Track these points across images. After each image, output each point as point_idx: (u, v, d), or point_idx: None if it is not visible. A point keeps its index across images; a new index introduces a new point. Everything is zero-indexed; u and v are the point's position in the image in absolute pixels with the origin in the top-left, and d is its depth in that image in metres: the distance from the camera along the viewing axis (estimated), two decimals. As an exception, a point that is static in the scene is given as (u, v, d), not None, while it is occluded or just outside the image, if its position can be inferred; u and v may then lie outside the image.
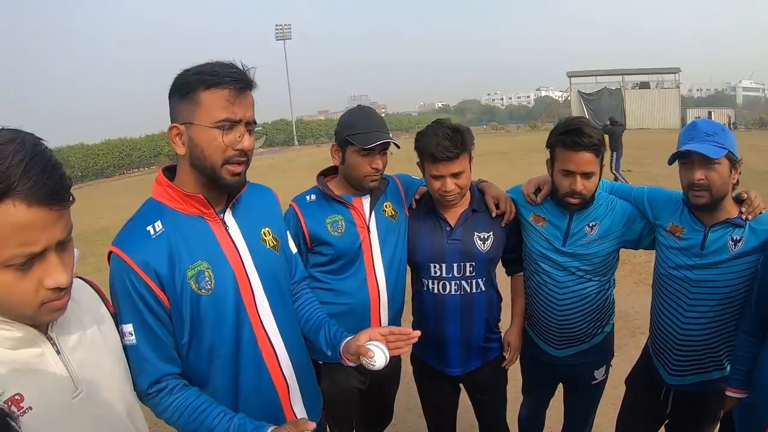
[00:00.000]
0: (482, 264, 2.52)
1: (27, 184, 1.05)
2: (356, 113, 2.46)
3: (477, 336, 2.58)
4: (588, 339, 2.62)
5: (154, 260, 1.57)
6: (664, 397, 2.53)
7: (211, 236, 1.68)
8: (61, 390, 1.24)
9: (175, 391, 1.61)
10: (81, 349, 1.33)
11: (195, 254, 1.63)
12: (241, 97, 1.58)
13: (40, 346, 1.22)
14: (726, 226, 2.21)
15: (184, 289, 1.60)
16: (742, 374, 2.16)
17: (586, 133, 2.28)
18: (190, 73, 1.57)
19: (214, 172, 1.61)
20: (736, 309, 2.23)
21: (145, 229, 1.60)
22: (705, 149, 2.09)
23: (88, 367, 1.32)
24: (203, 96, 1.55)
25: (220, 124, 1.56)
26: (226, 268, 1.68)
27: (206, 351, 1.67)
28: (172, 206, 1.66)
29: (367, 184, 2.41)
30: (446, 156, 2.30)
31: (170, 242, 1.60)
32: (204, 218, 1.68)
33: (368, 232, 2.47)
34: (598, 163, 2.35)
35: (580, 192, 2.34)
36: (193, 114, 1.57)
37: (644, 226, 2.48)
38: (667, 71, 53.16)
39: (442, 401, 2.84)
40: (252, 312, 1.73)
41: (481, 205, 2.56)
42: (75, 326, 1.34)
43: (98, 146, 34.10)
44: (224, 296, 1.66)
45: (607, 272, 2.56)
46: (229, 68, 1.57)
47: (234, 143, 1.59)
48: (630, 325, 5.46)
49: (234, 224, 1.75)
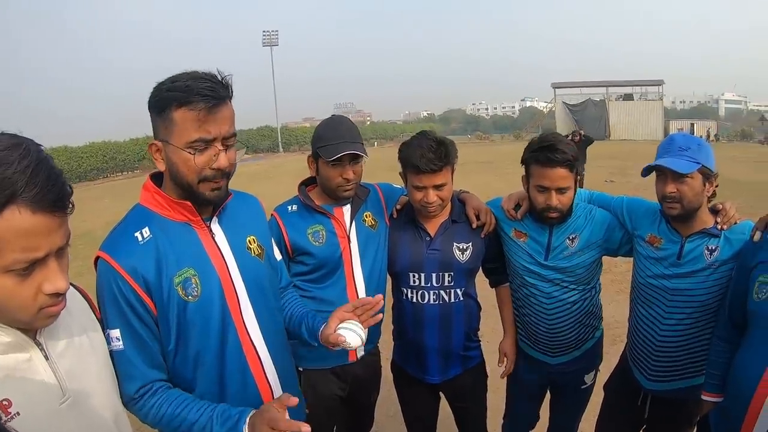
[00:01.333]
0: (461, 274, 2.54)
1: (33, 191, 1.05)
2: (326, 124, 2.48)
3: (456, 344, 2.60)
4: (581, 345, 2.67)
5: (141, 266, 1.56)
6: (642, 402, 2.57)
7: (197, 243, 1.69)
8: (48, 396, 1.23)
9: (158, 392, 1.61)
10: (69, 355, 1.32)
11: (182, 261, 1.63)
12: (214, 114, 1.53)
13: (28, 351, 1.22)
14: (702, 236, 2.26)
15: (171, 296, 1.60)
16: (717, 378, 2.20)
17: (559, 150, 2.33)
18: (163, 88, 1.54)
19: (192, 189, 1.61)
20: (712, 316, 2.29)
21: (133, 235, 1.60)
22: (676, 165, 2.16)
23: (76, 373, 1.32)
24: (176, 114, 1.52)
25: (192, 146, 1.53)
26: (212, 275, 1.69)
27: (192, 357, 1.67)
28: (160, 213, 1.66)
29: (341, 194, 2.42)
30: (430, 168, 2.32)
31: (158, 248, 1.60)
32: (191, 225, 1.68)
33: (348, 241, 2.49)
34: (573, 177, 2.39)
35: (555, 207, 2.40)
36: (168, 132, 1.55)
37: (623, 235, 2.53)
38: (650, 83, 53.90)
39: (422, 409, 2.85)
40: (237, 319, 1.73)
41: (461, 216, 2.58)
42: (63, 332, 1.33)
43: (82, 149, 33.80)
44: (210, 303, 1.67)
45: (592, 279, 2.62)
46: (203, 82, 1.52)
47: (209, 163, 1.57)
48: (610, 334, 5.44)
49: (220, 232, 1.75)
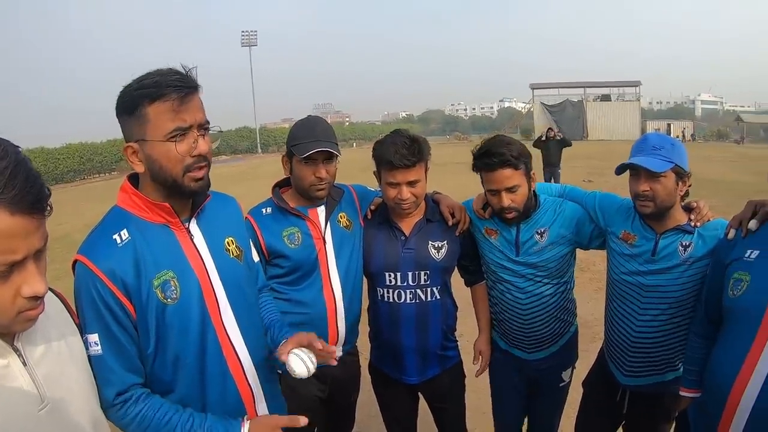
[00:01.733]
0: (437, 272, 2.56)
1: (11, 193, 1.04)
2: (301, 124, 2.49)
3: (433, 344, 2.61)
4: (557, 339, 2.69)
5: (120, 269, 1.55)
6: (620, 398, 2.60)
7: (176, 245, 1.68)
8: (26, 402, 1.21)
9: (140, 400, 1.59)
10: (47, 360, 1.30)
11: (161, 263, 1.62)
12: (187, 103, 1.55)
13: (5, 358, 1.20)
14: (676, 232, 2.30)
15: (150, 298, 1.59)
16: (694, 374, 2.22)
17: (495, 153, 2.38)
18: (132, 89, 1.55)
19: (176, 183, 1.60)
20: (688, 312, 2.32)
21: (111, 238, 1.59)
22: (650, 163, 2.20)
23: (54, 379, 1.30)
24: (149, 110, 1.53)
25: (172, 136, 1.54)
26: (191, 277, 1.68)
27: (171, 360, 1.66)
28: (138, 214, 1.65)
29: (314, 193, 2.42)
30: (403, 163, 2.34)
31: (136, 251, 1.59)
32: (169, 227, 1.68)
33: (324, 243, 2.48)
34: (521, 174, 2.43)
35: (508, 207, 2.43)
36: (143, 130, 1.55)
37: (593, 229, 2.56)
38: (628, 84, 54.61)
39: (401, 410, 2.85)
40: (216, 321, 1.72)
41: (435, 215, 2.60)
42: (41, 337, 1.31)
43: (59, 150, 33.40)
44: (189, 305, 1.66)
45: (565, 273, 2.64)
46: (170, 76, 1.54)
47: (190, 150, 1.57)
48: (590, 332, 5.54)
49: (199, 233, 1.75)
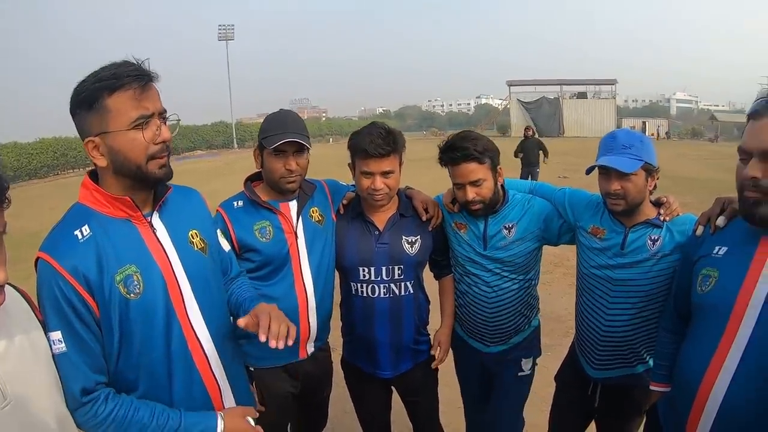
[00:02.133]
0: (410, 267, 2.57)
1: None
2: (272, 117, 2.48)
3: (407, 338, 2.63)
4: (516, 334, 2.72)
5: (82, 265, 1.53)
6: (591, 391, 2.63)
7: (138, 239, 1.66)
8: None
9: (110, 399, 1.58)
10: (9, 358, 1.28)
11: (123, 258, 1.61)
12: (147, 91, 1.56)
13: None
14: (645, 226, 2.33)
15: (112, 294, 1.57)
16: (664, 369, 2.25)
17: (459, 147, 2.43)
18: (89, 83, 1.54)
19: (141, 171, 1.59)
20: (657, 307, 2.35)
21: (72, 234, 1.57)
22: (620, 164, 2.21)
23: (17, 377, 1.28)
24: (110, 102, 1.53)
25: (136, 124, 1.54)
26: (155, 271, 1.66)
27: (136, 356, 1.64)
28: (99, 210, 1.63)
29: (284, 185, 2.42)
30: (378, 152, 2.35)
31: (98, 246, 1.57)
32: (131, 221, 1.66)
33: (296, 237, 2.47)
34: (486, 168, 2.46)
35: (473, 200, 2.47)
36: (105, 122, 1.54)
37: (562, 225, 2.59)
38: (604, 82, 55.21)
39: (375, 405, 2.86)
40: (181, 315, 1.71)
41: (408, 210, 2.62)
42: (3, 334, 1.30)
43: (32, 145, 32.52)
44: (153, 300, 1.64)
45: (531, 269, 2.68)
46: (127, 67, 1.55)
47: (154, 137, 1.58)
48: (563, 326, 5.61)
49: (161, 227, 1.73)
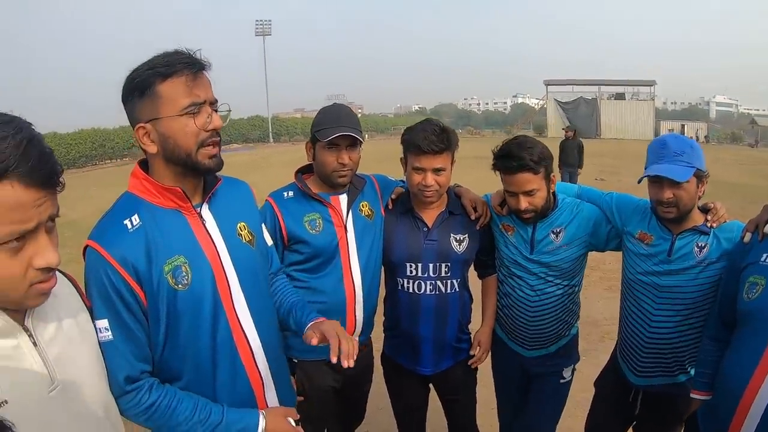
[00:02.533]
0: (457, 265, 2.57)
1: (26, 167, 1.05)
2: (326, 110, 2.49)
3: (449, 336, 2.63)
4: (557, 340, 2.70)
5: (131, 255, 1.54)
6: (633, 398, 2.60)
7: (188, 230, 1.66)
8: (36, 384, 1.20)
9: (154, 388, 1.58)
10: (58, 342, 1.29)
11: (172, 248, 1.61)
12: (198, 79, 1.57)
13: (16, 338, 1.19)
14: (693, 233, 2.30)
15: (161, 284, 1.57)
16: (706, 377, 2.22)
17: (515, 156, 2.37)
18: (142, 70, 1.55)
19: (191, 159, 1.59)
20: (702, 315, 2.31)
21: (122, 223, 1.57)
22: (674, 173, 2.17)
23: (65, 360, 1.29)
24: (162, 88, 1.53)
25: (187, 110, 1.55)
26: (203, 262, 1.66)
27: (182, 347, 1.64)
28: (149, 200, 1.63)
29: (335, 179, 2.42)
30: (431, 149, 2.35)
31: (147, 236, 1.57)
32: (181, 212, 1.66)
33: (345, 231, 2.47)
34: (540, 178, 2.42)
35: (525, 209, 2.44)
36: (157, 108, 1.55)
37: (610, 230, 2.56)
38: (642, 83, 54.22)
39: (413, 401, 2.86)
40: (228, 307, 1.71)
41: (457, 208, 2.61)
42: (52, 318, 1.30)
43: (71, 135, 33.34)
44: (201, 291, 1.64)
45: (576, 275, 2.65)
46: (179, 55, 1.57)
47: (205, 125, 1.58)
48: (599, 331, 5.55)
49: (211, 218, 1.73)
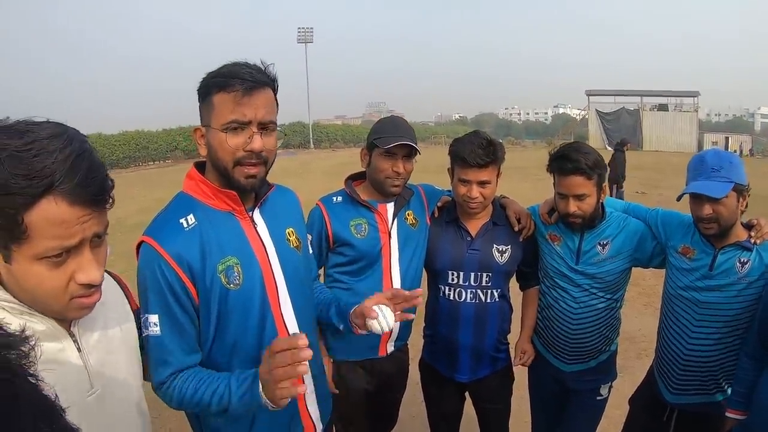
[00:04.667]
0: (499, 275, 2.60)
1: (72, 183, 1.03)
2: (386, 121, 2.57)
3: (488, 344, 2.65)
4: (596, 355, 2.68)
5: (187, 252, 1.58)
6: (667, 417, 2.57)
7: (240, 233, 1.71)
8: (77, 387, 1.22)
9: (183, 372, 1.62)
10: (101, 347, 1.32)
11: (225, 249, 1.65)
12: (251, 96, 1.57)
13: (61, 341, 1.21)
14: (735, 248, 2.28)
15: (213, 283, 1.62)
16: (742, 396, 2.20)
17: (572, 158, 2.39)
18: (209, 76, 1.60)
19: (227, 173, 1.63)
20: (741, 333, 2.29)
21: (178, 222, 1.62)
22: (711, 190, 2.17)
23: (106, 366, 1.31)
24: (216, 98, 1.57)
25: (227, 126, 1.57)
26: (254, 264, 1.71)
27: (229, 345, 1.69)
28: (204, 201, 1.68)
29: (389, 188, 2.46)
30: (477, 162, 2.39)
31: (202, 236, 1.62)
32: (234, 215, 1.71)
33: (389, 237, 2.53)
34: (593, 185, 2.43)
35: (574, 213, 2.45)
36: (209, 116, 1.60)
37: (655, 246, 2.54)
38: (686, 94, 52.93)
39: (449, 408, 2.88)
40: (275, 309, 1.76)
41: (501, 219, 2.64)
42: (99, 323, 1.33)
43: (115, 137, 34.29)
44: (251, 292, 1.69)
45: (619, 290, 2.63)
46: (243, 68, 1.58)
47: (243, 145, 1.59)
48: (636, 347, 5.45)
49: (262, 222, 1.78)
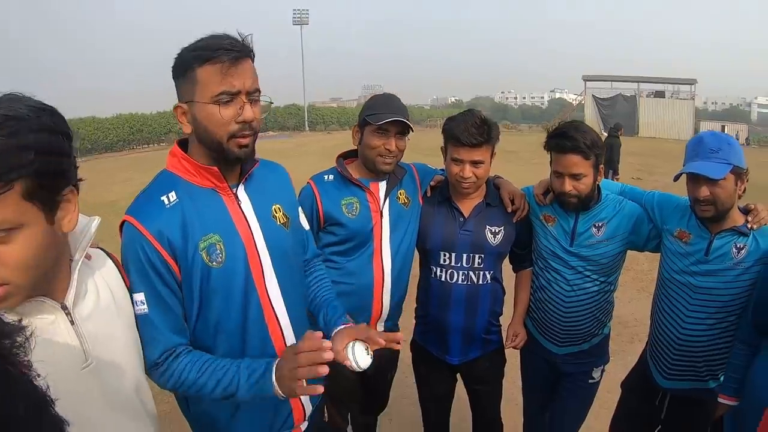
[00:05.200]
0: (491, 257, 2.58)
1: None
2: (378, 97, 2.54)
3: (479, 326, 2.64)
4: (589, 338, 2.68)
5: (167, 230, 1.57)
6: (659, 401, 2.58)
7: (223, 209, 1.69)
8: (71, 360, 1.22)
9: (181, 355, 1.61)
10: (95, 319, 1.31)
11: (207, 226, 1.63)
12: (237, 67, 1.55)
13: (53, 314, 1.21)
14: (731, 233, 2.26)
15: (195, 260, 1.60)
16: (735, 382, 2.20)
17: (571, 137, 2.37)
18: (187, 50, 1.56)
19: (221, 147, 1.60)
20: (735, 317, 2.29)
21: (159, 199, 1.61)
22: (709, 170, 2.15)
23: (101, 338, 1.31)
24: (200, 72, 1.54)
25: (217, 99, 1.54)
26: (237, 241, 1.69)
27: (213, 324, 1.68)
28: (186, 178, 1.66)
29: (380, 165, 2.43)
30: (470, 141, 2.36)
31: (184, 213, 1.61)
32: (217, 191, 1.69)
33: (381, 216, 2.51)
34: (590, 165, 2.41)
35: (569, 192, 2.43)
36: (192, 92, 1.56)
37: (651, 229, 2.53)
38: (683, 82, 52.88)
39: (440, 389, 2.89)
40: (260, 287, 1.73)
41: (495, 200, 2.61)
42: (91, 296, 1.33)
43: (109, 120, 34.09)
44: (234, 270, 1.67)
45: (613, 273, 2.63)
46: (223, 39, 1.55)
47: (235, 116, 1.57)
48: (629, 332, 5.48)
49: (246, 199, 1.76)
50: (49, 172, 1.09)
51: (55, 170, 1.11)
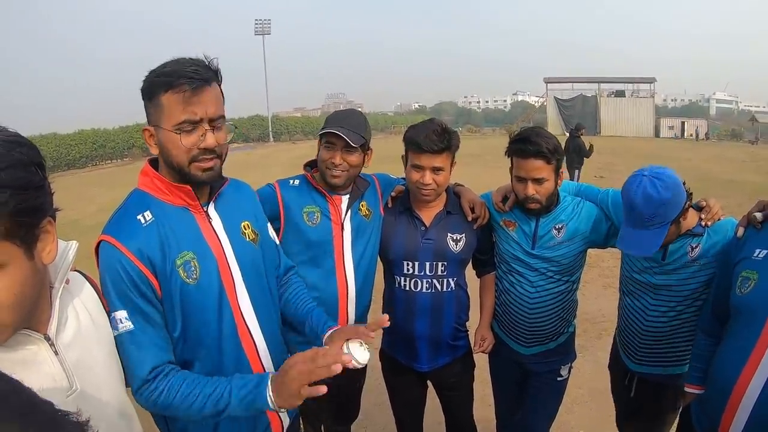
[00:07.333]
0: (454, 264, 2.59)
1: None
2: (338, 112, 2.56)
3: (446, 333, 2.65)
4: (555, 337, 2.72)
5: (147, 248, 1.58)
6: (629, 381, 2.68)
7: (195, 228, 1.71)
8: (55, 389, 1.21)
9: (171, 373, 1.59)
10: (77, 346, 1.31)
11: (182, 244, 1.65)
12: (200, 95, 1.56)
13: (36, 345, 1.20)
14: (685, 236, 2.31)
15: (173, 277, 1.62)
16: (699, 371, 2.25)
17: (533, 141, 2.40)
18: (153, 75, 1.57)
19: (182, 170, 1.63)
20: (697, 309, 2.35)
21: (135, 218, 1.61)
22: (644, 248, 2.15)
23: (83, 365, 1.31)
24: (163, 99, 1.55)
25: (179, 126, 1.56)
26: (210, 258, 1.71)
27: (193, 340, 1.69)
28: (159, 197, 1.68)
29: (328, 178, 2.44)
30: (431, 148, 2.38)
31: (160, 231, 1.62)
32: (189, 210, 1.71)
33: (341, 229, 2.51)
34: (551, 169, 2.44)
35: (532, 197, 2.45)
36: (158, 117, 1.58)
37: (609, 227, 2.56)
38: (642, 80, 54.12)
39: (410, 396, 2.89)
40: (233, 302, 1.75)
41: (455, 208, 2.63)
42: (72, 322, 1.33)
43: (71, 136, 33.29)
44: (208, 286, 1.69)
45: (575, 272, 2.66)
46: (188, 66, 1.56)
47: (197, 143, 1.59)
48: (597, 328, 5.55)
49: (216, 217, 1.78)
50: (26, 209, 1.06)
51: (32, 206, 1.08)
